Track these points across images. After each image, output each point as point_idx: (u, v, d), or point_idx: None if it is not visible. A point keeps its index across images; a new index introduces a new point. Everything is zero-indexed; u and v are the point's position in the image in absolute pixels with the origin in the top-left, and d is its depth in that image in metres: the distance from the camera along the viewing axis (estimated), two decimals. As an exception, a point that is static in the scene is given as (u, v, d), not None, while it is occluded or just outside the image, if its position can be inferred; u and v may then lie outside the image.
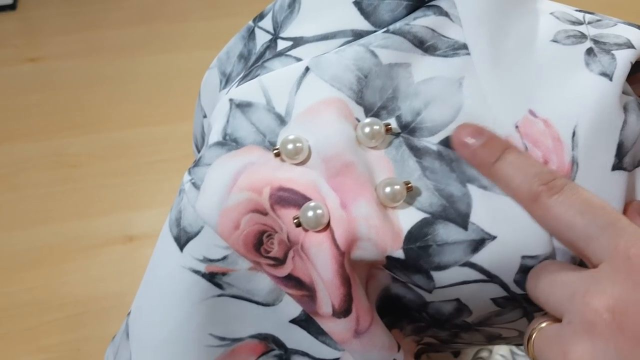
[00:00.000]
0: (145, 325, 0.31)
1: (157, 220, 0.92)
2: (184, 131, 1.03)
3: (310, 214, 0.26)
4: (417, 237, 0.27)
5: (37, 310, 0.82)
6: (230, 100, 0.29)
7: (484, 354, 0.67)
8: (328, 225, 0.26)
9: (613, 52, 0.28)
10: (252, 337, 0.31)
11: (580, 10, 0.31)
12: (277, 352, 0.31)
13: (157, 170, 0.99)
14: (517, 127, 0.27)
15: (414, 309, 0.31)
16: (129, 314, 0.32)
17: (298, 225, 0.26)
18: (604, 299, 0.23)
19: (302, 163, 0.28)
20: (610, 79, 0.27)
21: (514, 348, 0.70)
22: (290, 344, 0.31)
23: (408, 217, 0.27)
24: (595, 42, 0.29)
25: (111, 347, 0.34)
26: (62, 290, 0.84)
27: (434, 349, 0.38)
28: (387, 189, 0.27)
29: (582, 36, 0.29)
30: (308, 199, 0.27)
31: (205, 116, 0.36)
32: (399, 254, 0.27)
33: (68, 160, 1.01)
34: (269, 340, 0.31)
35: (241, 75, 0.32)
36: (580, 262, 0.28)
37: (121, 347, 0.32)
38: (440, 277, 0.27)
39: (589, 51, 0.28)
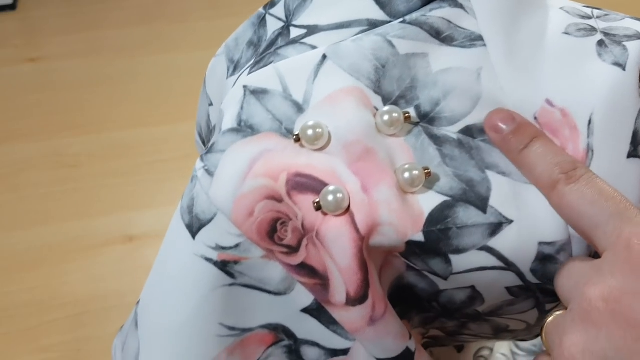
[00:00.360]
0: (156, 315, 0.31)
1: (157, 220, 0.92)
2: (184, 131, 1.03)
3: (330, 197, 0.26)
4: (438, 220, 0.27)
5: (37, 310, 0.82)
6: (245, 87, 0.29)
7: (485, 352, 0.67)
8: (348, 209, 0.27)
9: (624, 43, 0.29)
10: (262, 327, 0.31)
11: (587, 6, 0.32)
12: (286, 342, 0.31)
13: (157, 170, 0.99)
14: (535, 117, 0.28)
15: (425, 298, 0.31)
16: (138, 302, 0.32)
17: (318, 208, 0.26)
18: (599, 289, 0.23)
19: (322, 149, 0.28)
20: (624, 69, 0.28)
21: (515, 348, 0.70)
22: (300, 334, 0.31)
23: (428, 201, 0.27)
24: (606, 34, 0.29)
25: (119, 337, 0.34)
26: (62, 290, 0.84)
27: (439, 343, 0.38)
28: (406, 174, 0.27)
29: (592, 29, 0.30)
30: (326, 185, 0.27)
31: (211, 104, 0.36)
32: (419, 237, 0.27)
33: (68, 160, 1.01)
34: (279, 331, 0.31)
35: (252, 62, 0.32)
36: (596, 253, 0.28)
37: (130, 337, 0.32)
38: (458, 261, 0.27)
39: (600, 43, 0.29)
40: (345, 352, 0.30)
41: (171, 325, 0.30)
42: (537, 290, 0.29)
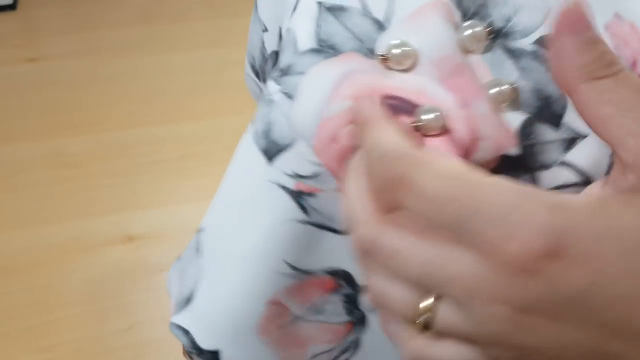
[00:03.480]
0: (222, 239, 0.30)
1: (157, 220, 0.93)
2: (184, 131, 1.03)
3: (425, 117, 0.25)
4: (525, 135, 0.27)
5: (37, 310, 0.82)
6: (319, 3, 0.28)
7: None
8: (444, 128, 0.26)
9: None
10: (324, 271, 0.30)
11: None
12: (346, 290, 0.31)
13: (157, 170, 1.00)
14: (606, 28, 0.28)
15: None
16: (198, 231, 0.32)
17: (417, 129, 0.25)
18: None
19: (409, 69, 0.27)
20: None
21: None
22: (361, 280, 0.30)
23: (513, 117, 0.27)
24: None
25: (176, 266, 0.33)
26: (62, 290, 0.84)
27: None
28: (495, 90, 0.27)
29: None
30: (417, 105, 0.26)
31: (265, 30, 0.35)
32: (515, 150, 0.27)
33: (68, 160, 1.01)
34: (339, 277, 0.30)
35: None
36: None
37: (189, 265, 0.32)
38: (543, 178, 0.28)
39: None
40: None
41: (237, 251, 0.29)
42: None
